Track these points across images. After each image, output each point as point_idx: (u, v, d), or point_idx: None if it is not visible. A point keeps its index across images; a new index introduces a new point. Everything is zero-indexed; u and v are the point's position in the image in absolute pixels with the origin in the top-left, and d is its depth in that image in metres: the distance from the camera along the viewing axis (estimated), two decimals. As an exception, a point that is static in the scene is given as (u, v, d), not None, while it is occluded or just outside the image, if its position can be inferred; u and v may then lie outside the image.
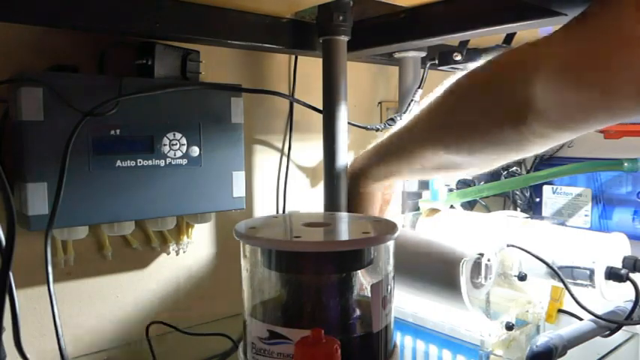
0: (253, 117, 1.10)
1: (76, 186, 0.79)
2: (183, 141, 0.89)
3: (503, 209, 1.51)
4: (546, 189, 1.54)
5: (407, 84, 1.15)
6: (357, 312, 0.61)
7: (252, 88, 1.02)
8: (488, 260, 0.90)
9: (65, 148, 0.75)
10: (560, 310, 1.02)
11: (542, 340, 0.78)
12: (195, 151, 0.90)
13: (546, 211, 1.55)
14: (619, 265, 0.89)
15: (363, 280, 0.63)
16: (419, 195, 1.15)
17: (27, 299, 0.84)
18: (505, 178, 1.51)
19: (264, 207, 1.13)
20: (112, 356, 0.92)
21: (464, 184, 1.48)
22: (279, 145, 1.15)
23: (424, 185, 1.13)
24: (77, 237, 0.84)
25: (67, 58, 0.84)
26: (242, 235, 0.58)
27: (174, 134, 0.88)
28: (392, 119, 1.10)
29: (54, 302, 0.70)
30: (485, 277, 0.89)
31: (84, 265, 0.90)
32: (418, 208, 1.17)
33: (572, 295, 0.89)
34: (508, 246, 0.95)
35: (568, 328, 0.84)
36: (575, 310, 0.92)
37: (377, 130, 1.10)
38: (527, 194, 1.54)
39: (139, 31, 0.85)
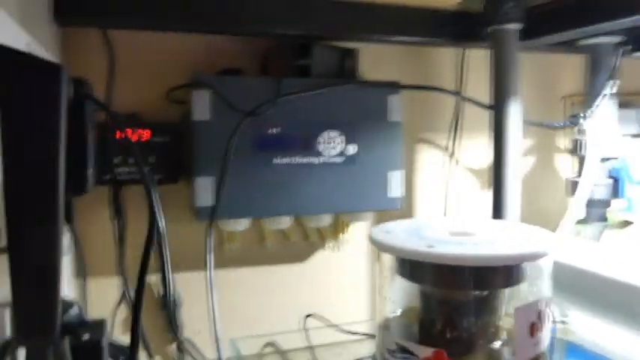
0: (416, 115, 1.06)
1: (237, 181, 0.84)
2: (340, 139, 0.89)
3: None
4: None
5: (596, 75, 0.99)
6: (503, 336, 0.54)
7: (412, 84, 0.98)
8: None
9: (227, 145, 0.81)
10: None
11: None
12: (351, 149, 0.90)
13: None
14: None
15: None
16: (607, 203, 0.99)
17: (195, 282, 0.92)
18: None
19: (426, 209, 1.08)
20: (271, 342, 0.97)
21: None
22: (445, 144, 1.09)
23: (614, 192, 0.97)
24: (240, 228, 0.89)
25: (234, 61, 0.90)
26: (375, 240, 0.55)
27: (330, 133, 0.89)
28: (575, 116, 0.96)
29: (212, 287, 0.76)
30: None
31: (247, 254, 0.96)
32: (606, 219, 1.01)
33: None
34: None
35: None
36: None
37: (556, 127, 0.98)
38: None
39: (297, 33, 0.88)
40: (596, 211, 1.00)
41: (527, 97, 1.15)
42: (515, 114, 0.91)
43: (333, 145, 0.89)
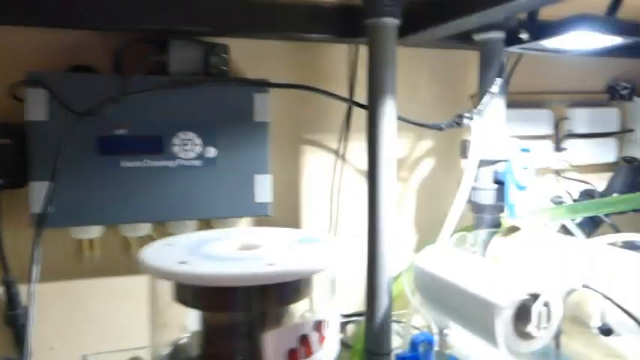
0: (302, 115, 1.00)
1: (81, 185, 0.79)
2: (197, 141, 0.84)
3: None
4: None
5: (486, 72, 0.93)
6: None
7: (287, 83, 0.92)
8: (545, 305, 0.67)
9: (60, 148, 0.76)
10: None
11: None
12: (210, 151, 0.85)
13: None
14: None
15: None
16: (499, 208, 0.93)
17: (53, 292, 0.87)
18: (652, 190, 1.16)
19: (314, 214, 1.02)
20: (135, 358, 0.91)
21: (587, 195, 1.17)
22: (336, 147, 1.03)
23: (499, 197, 0.91)
24: (92, 236, 0.84)
25: (87, 58, 0.85)
26: (141, 257, 0.50)
27: (186, 134, 0.83)
28: (460, 116, 0.90)
29: (34, 301, 0.71)
30: (539, 327, 0.67)
31: (110, 263, 0.91)
32: (499, 225, 0.95)
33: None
34: (584, 287, 0.70)
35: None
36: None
37: (440, 129, 0.92)
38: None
39: (153, 28, 0.83)
40: (487, 217, 0.95)
41: (434, 96, 1.10)
42: (390, 113, 0.85)
43: (189, 147, 0.84)
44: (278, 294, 0.47)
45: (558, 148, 1.19)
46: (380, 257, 0.87)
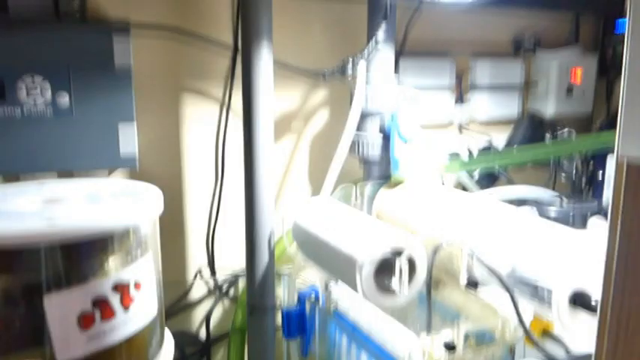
0: (183, 61, 0.92)
1: None
2: (46, 85, 0.75)
3: (548, 186, 1.16)
4: (612, 160, 1.16)
5: (374, 18, 0.88)
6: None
7: (154, 24, 0.84)
8: (410, 260, 0.65)
9: None
10: (546, 332, 0.74)
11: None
12: (63, 97, 0.76)
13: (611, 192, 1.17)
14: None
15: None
16: (385, 161, 0.89)
17: None
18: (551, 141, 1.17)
19: (197, 167, 0.96)
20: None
21: (486, 150, 1.16)
22: (219, 95, 0.96)
23: (384, 149, 0.87)
24: None
25: None
26: None
27: (32, 76, 0.74)
28: (343, 62, 0.85)
29: None
30: (401, 283, 0.64)
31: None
32: (389, 177, 0.92)
33: (521, 324, 0.61)
34: (447, 244, 0.68)
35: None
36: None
37: (323, 77, 0.86)
38: (584, 168, 1.17)
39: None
40: (375, 169, 0.91)
41: (329, 47, 1.03)
42: (266, 58, 0.79)
43: (37, 93, 0.75)
44: (67, 253, 0.41)
45: (460, 101, 1.17)
46: (257, 209, 0.83)
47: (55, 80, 0.75)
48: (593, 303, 0.56)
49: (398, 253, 0.64)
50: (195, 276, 0.99)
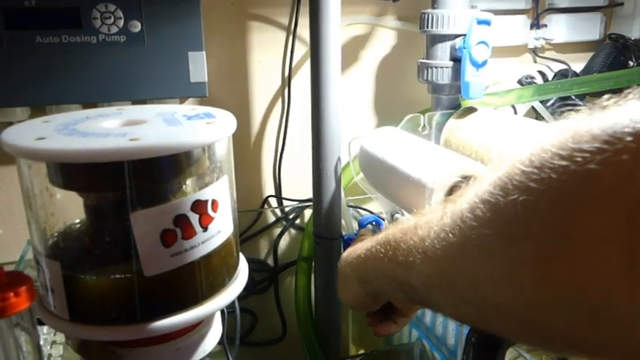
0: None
1: (-4, 64, 0.73)
2: (119, 14, 0.76)
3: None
4: None
5: None
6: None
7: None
8: (481, 186, 0.63)
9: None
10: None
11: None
12: (135, 25, 0.77)
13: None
14: None
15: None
16: (458, 88, 0.86)
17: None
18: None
19: (262, 97, 0.96)
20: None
21: (562, 76, 1.10)
22: (285, 22, 0.94)
23: (455, 76, 0.84)
24: (15, 119, 0.80)
25: None
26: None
27: (106, 5, 0.76)
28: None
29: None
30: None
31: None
32: (459, 106, 0.89)
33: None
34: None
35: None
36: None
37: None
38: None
39: None
40: (444, 97, 0.88)
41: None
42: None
43: (111, 21, 0.76)
44: (148, 171, 0.42)
45: (537, 25, 1.10)
46: (324, 138, 0.82)
47: (128, 8, 0.76)
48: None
49: (465, 178, 0.63)
50: (263, 205, 1.02)
